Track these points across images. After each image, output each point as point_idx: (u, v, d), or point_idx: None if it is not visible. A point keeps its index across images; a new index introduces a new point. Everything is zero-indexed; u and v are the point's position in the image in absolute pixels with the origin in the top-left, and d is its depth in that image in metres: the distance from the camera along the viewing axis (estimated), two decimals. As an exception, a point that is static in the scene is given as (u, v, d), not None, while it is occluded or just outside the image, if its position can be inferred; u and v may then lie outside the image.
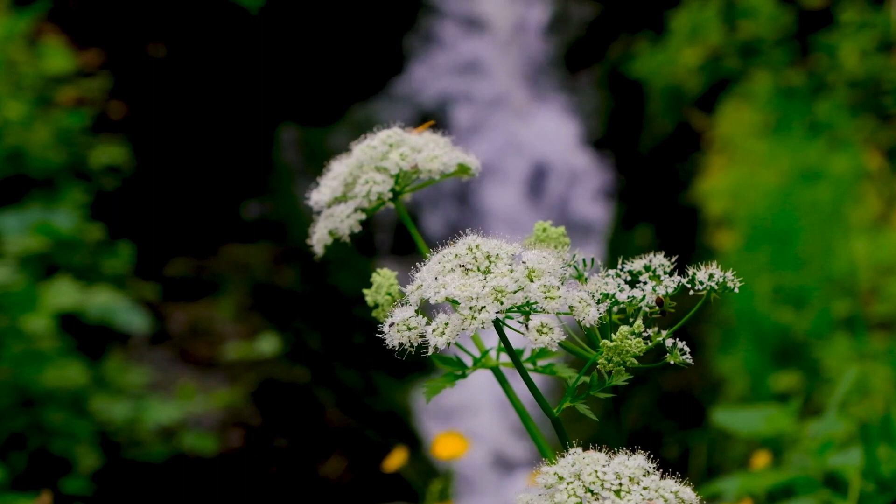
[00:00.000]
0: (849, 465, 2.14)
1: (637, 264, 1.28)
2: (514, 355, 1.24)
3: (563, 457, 1.17)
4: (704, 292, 1.25)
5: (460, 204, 8.41)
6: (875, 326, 5.04)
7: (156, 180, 7.43)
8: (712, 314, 5.88)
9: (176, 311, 6.70)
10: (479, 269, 1.17)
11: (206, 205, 7.68)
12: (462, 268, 1.17)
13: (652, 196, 7.93)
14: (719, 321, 5.92)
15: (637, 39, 8.33)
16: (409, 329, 1.17)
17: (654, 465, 1.17)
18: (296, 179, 8.10)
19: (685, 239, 6.85)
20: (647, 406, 6.40)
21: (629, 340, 1.17)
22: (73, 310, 4.85)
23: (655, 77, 7.93)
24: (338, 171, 1.49)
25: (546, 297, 1.15)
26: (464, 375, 1.34)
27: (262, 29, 8.39)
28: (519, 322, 1.17)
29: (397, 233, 8.06)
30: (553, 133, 8.74)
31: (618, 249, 7.38)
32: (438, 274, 1.18)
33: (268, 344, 6.14)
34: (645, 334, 1.20)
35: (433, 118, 8.32)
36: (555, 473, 1.16)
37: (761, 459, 2.52)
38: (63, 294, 4.82)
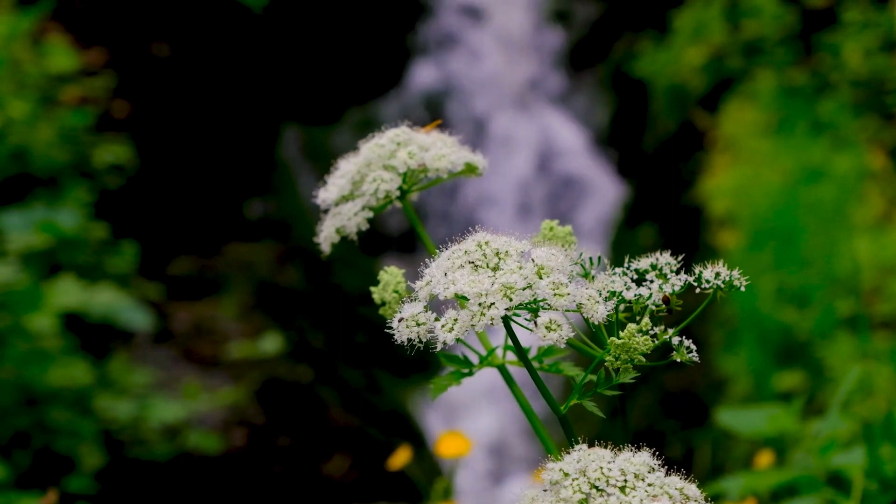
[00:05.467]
0: (852, 464, 2.15)
1: (643, 263, 1.29)
2: (523, 353, 1.25)
3: (569, 453, 1.17)
4: (710, 291, 1.25)
5: (462, 201, 8.42)
6: (878, 326, 5.04)
7: (159, 179, 7.44)
8: (716, 314, 5.89)
9: (179, 310, 6.71)
10: (488, 266, 1.18)
11: (209, 204, 7.69)
12: (471, 264, 1.18)
13: (655, 195, 7.93)
14: (722, 320, 5.93)
15: (640, 39, 8.33)
16: (418, 325, 1.18)
17: (659, 463, 1.18)
18: (299, 178, 8.11)
19: (688, 238, 6.85)
20: (650, 405, 6.40)
21: (637, 338, 1.18)
22: (76, 309, 4.86)
23: (659, 76, 7.93)
24: (346, 169, 1.50)
25: (555, 294, 1.16)
26: (470, 373, 1.34)
27: (266, 28, 8.40)
28: (527, 319, 1.17)
29: (401, 231, 8.06)
30: (557, 132, 8.74)
31: (621, 248, 7.38)
32: (448, 270, 1.18)
33: (271, 343, 6.14)
34: (652, 332, 1.20)
35: (438, 117, 8.33)
36: (560, 470, 1.16)
37: (764, 459, 2.52)
38: (67, 293, 4.83)
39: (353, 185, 1.49)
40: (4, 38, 6.12)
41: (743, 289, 1.25)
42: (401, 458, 2.83)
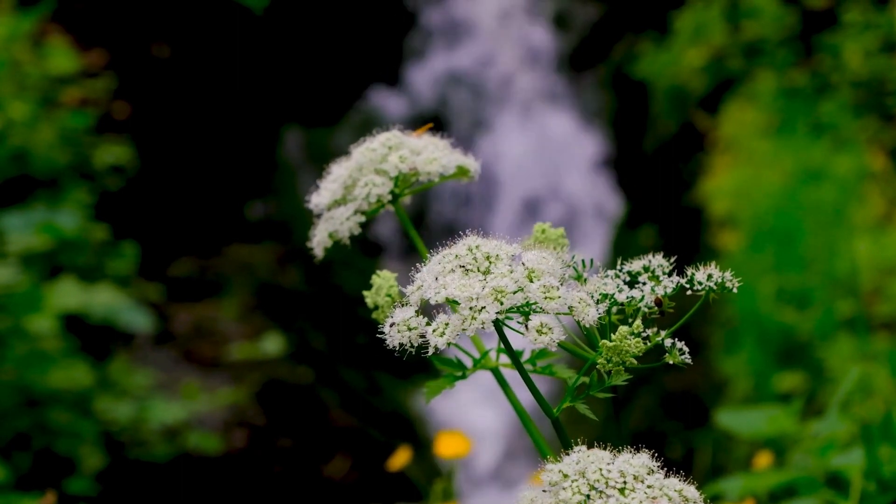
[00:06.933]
0: (850, 465, 2.15)
1: (636, 265, 1.29)
2: (514, 356, 1.25)
3: (568, 455, 1.17)
4: (703, 293, 1.25)
5: (464, 202, 8.42)
6: (878, 326, 5.04)
7: (160, 180, 7.44)
8: (716, 315, 5.89)
9: (180, 312, 6.71)
10: (479, 270, 1.18)
11: (210, 205, 7.69)
12: (462, 268, 1.18)
13: (656, 196, 7.93)
14: (723, 322, 5.92)
15: (641, 40, 8.32)
16: (410, 329, 1.18)
17: (659, 464, 1.18)
18: (300, 180, 8.11)
19: (689, 239, 6.85)
20: (650, 407, 6.40)
21: (628, 340, 1.18)
22: (77, 310, 4.86)
23: (659, 77, 7.93)
24: (337, 173, 1.50)
25: (546, 298, 1.16)
26: (464, 376, 1.34)
27: (266, 29, 8.40)
28: (518, 322, 1.17)
29: (401, 233, 8.06)
30: (557, 133, 8.74)
31: (622, 249, 7.37)
32: (439, 274, 1.18)
33: (272, 344, 6.14)
34: (644, 334, 1.20)
35: (435, 119, 8.31)
36: (559, 471, 1.16)
37: (764, 459, 2.52)
38: (67, 294, 4.83)
39: (346, 190, 1.49)
40: (5, 39, 6.12)
41: (735, 290, 1.25)
42: (400, 458, 2.84)
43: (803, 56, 7.19)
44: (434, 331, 1.16)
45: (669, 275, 1.28)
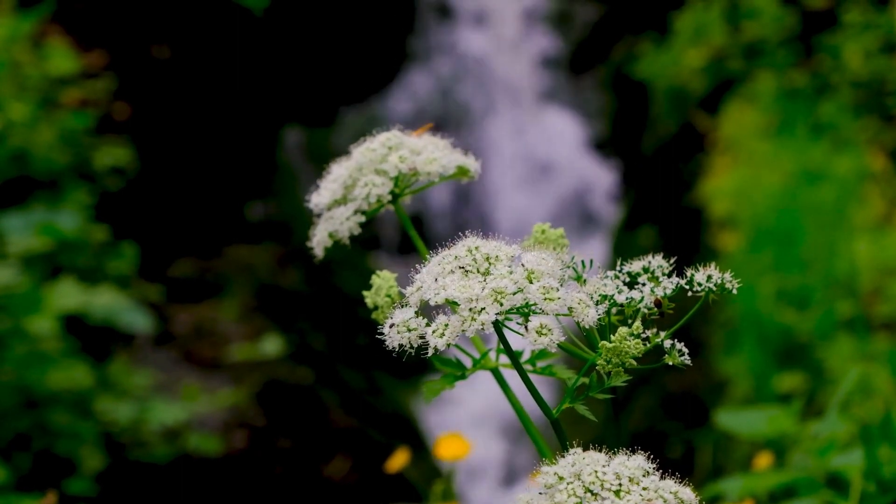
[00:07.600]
0: (850, 465, 2.15)
1: (636, 265, 1.29)
2: (514, 357, 1.25)
3: (563, 457, 1.17)
4: (703, 293, 1.25)
5: (465, 206, 8.42)
6: (878, 327, 5.04)
7: (160, 181, 7.44)
8: (716, 315, 5.89)
9: (180, 313, 6.71)
10: (478, 271, 1.18)
11: (210, 206, 7.69)
12: (462, 269, 1.18)
13: (656, 197, 7.93)
14: (723, 322, 5.92)
15: (641, 40, 8.33)
16: (409, 330, 1.18)
17: (655, 466, 1.18)
18: (300, 180, 8.11)
19: (689, 240, 6.85)
20: (651, 407, 6.40)
21: (628, 342, 1.18)
22: (77, 311, 4.86)
23: (659, 78, 7.94)
24: (337, 173, 1.50)
25: (545, 299, 1.15)
26: (463, 377, 1.34)
27: (266, 30, 8.40)
28: (518, 323, 1.17)
29: (402, 232, 8.06)
30: (558, 134, 8.74)
31: (622, 250, 7.37)
32: (438, 275, 1.18)
33: (272, 345, 6.14)
34: (643, 335, 1.20)
35: (436, 120, 8.31)
36: (555, 473, 1.16)
37: (764, 460, 2.52)
38: (67, 295, 4.82)
39: (346, 190, 1.49)
40: (5, 40, 6.12)
41: (735, 291, 1.25)
42: (399, 460, 2.83)
43: (803, 56, 7.19)
44: (433, 332, 1.16)
45: (669, 276, 1.28)
